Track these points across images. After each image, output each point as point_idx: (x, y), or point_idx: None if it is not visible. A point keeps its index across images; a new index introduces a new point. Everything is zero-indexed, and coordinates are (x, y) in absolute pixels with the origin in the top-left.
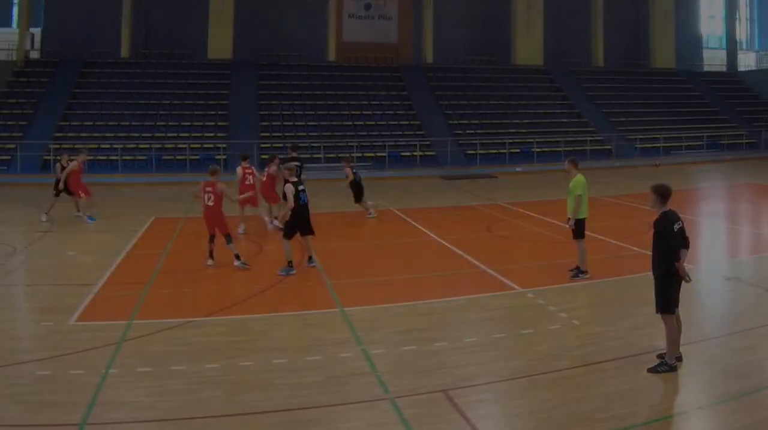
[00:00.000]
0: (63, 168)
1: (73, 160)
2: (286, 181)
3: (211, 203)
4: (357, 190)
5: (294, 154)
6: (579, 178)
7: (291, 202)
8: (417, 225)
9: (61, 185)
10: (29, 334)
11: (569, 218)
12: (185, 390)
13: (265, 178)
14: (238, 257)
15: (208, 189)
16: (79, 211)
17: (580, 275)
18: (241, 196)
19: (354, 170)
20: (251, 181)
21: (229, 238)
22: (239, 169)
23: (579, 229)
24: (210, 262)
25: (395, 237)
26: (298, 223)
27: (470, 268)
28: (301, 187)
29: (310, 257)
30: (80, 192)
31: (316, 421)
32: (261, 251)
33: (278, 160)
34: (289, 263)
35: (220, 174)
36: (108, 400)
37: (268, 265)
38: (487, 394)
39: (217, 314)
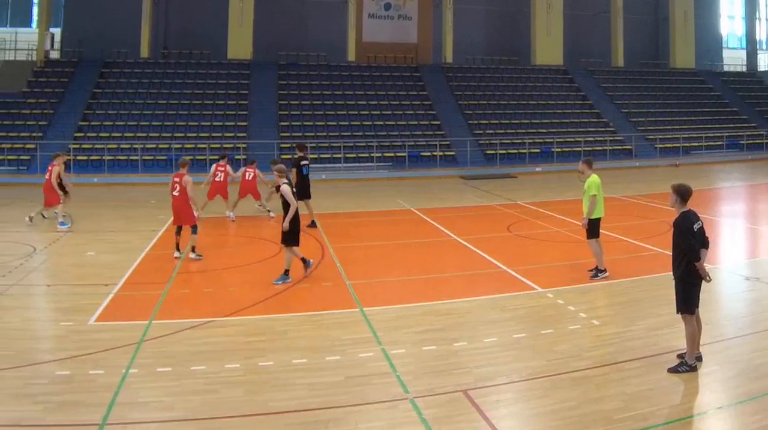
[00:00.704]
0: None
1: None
2: (279, 186)
3: (176, 194)
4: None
5: (301, 154)
6: (594, 179)
7: (293, 202)
8: (437, 225)
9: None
10: (49, 334)
11: (584, 218)
12: (205, 390)
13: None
14: (193, 250)
15: (176, 180)
16: (44, 212)
17: (599, 275)
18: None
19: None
20: (221, 179)
21: (195, 229)
22: (213, 167)
23: (593, 229)
24: (176, 254)
25: (415, 237)
26: (298, 226)
27: (490, 268)
28: (293, 190)
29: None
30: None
31: (335, 421)
32: (281, 250)
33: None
34: (286, 271)
35: (189, 167)
36: (127, 400)
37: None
38: (507, 394)
39: (236, 314)
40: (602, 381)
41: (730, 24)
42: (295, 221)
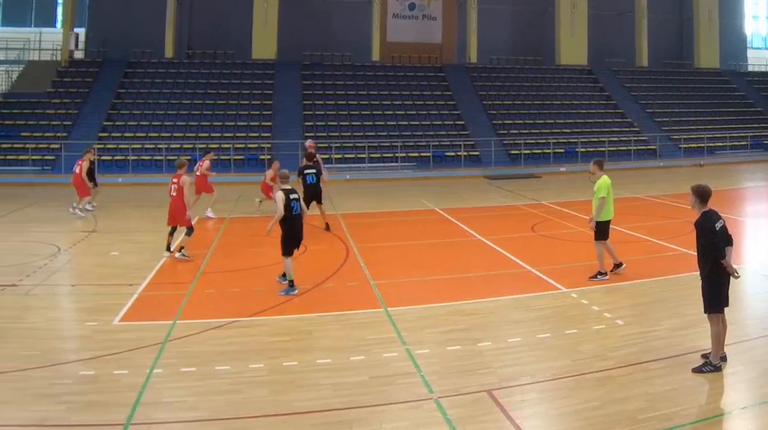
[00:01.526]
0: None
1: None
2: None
3: (174, 194)
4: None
5: (308, 162)
6: (604, 180)
7: (280, 210)
8: (461, 225)
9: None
10: (73, 334)
11: (590, 219)
12: (229, 390)
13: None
14: (181, 249)
15: (174, 181)
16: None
17: (598, 277)
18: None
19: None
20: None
21: (189, 230)
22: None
23: (601, 231)
24: (166, 254)
25: (439, 237)
26: (293, 236)
27: (514, 268)
28: (293, 196)
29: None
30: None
31: (359, 421)
32: (305, 250)
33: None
34: (290, 282)
35: (187, 167)
36: (152, 400)
37: (313, 265)
38: (532, 394)
39: (261, 314)
40: (627, 381)
41: (755, 24)
42: (285, 230)
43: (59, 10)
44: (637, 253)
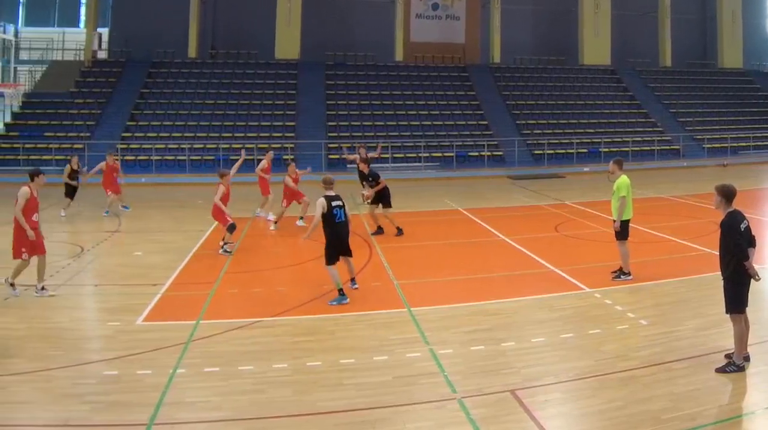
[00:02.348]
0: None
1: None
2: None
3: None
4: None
5: (364, 166)
6: (624, 179)
7: (317, 217)
8: (484, 225)
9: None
10: (97, 334)
11: (614, 220)
12: (252, 390)
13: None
14: (224, 245)
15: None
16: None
17: (621, 277)
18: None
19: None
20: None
21: (230, 227)
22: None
23: (623, 230)
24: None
25: (463, 237)
26: (337, 244)
27: (538, 268)
28: (336, 203)
29: (352, 280)
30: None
31: (383, 421)
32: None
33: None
34: (340, 291)
35: (230, 178)
36: (175, 400)
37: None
38: (555, 394)
39: (284, 314)
40: (650, 381)
41: None
42: (329, 237)
43: (82, 10)
44: (660, 253)
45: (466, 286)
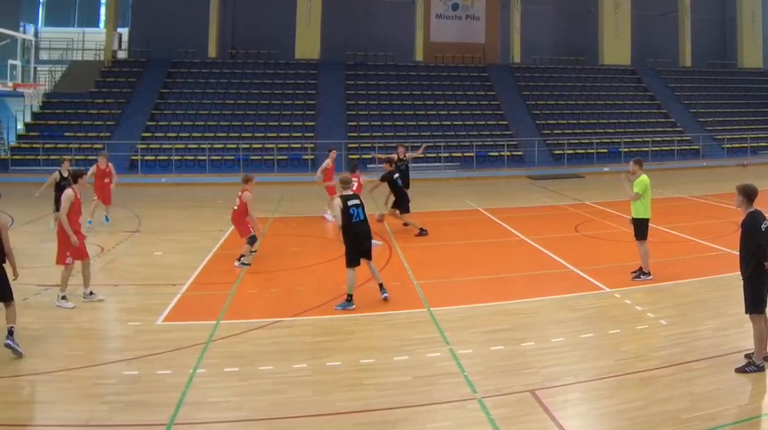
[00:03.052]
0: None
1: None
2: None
3: (235, 208)
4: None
5: (390, 168)
6: (643, 178)
7: (338, 219)
8: (504, 225)
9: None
10: (117, 334)
11: (632, 218)
12: (272, 390)
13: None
14: (240, 258)
15: (239, 194)
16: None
17: (642, 277)
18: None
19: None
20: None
21: (250, 239)
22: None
23: (641, 230)
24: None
25: (483, 237)
26: (356, 243)
27: (557, 268)
28: (353, 202)
29: (381, 286)
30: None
31: (403, 421)
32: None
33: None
34: (349, 296)
35: (253, 182)
36: (195, 400)
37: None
38: (575, 394)
39: (304, 314)
40: (670, 381)
41: None
42: (347, 238)
43: (102, 10)
44: (680, 253)
45: (486, 286)
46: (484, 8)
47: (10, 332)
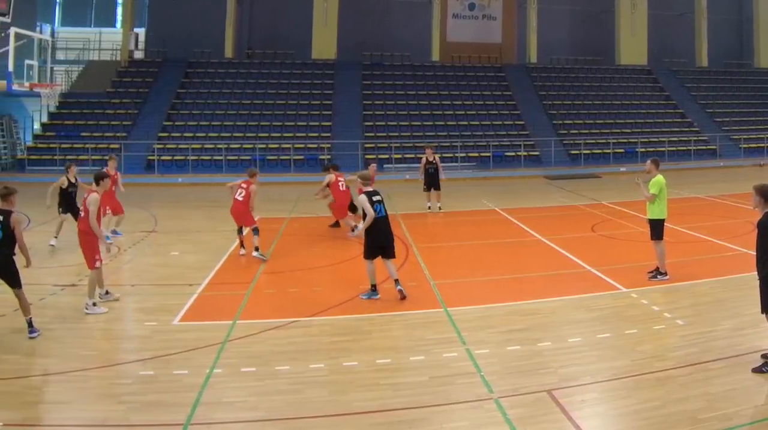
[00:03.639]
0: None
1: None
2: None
3: (240, 198)
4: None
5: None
6: (659, 178)
7: (370, 212)
8: (521, 225)
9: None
10: (133, 334)
11: (648, 219)
12: (289, 390)
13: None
14: (257, 249)
15: (244, 186)
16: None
17: (658, 277)
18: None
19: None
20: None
21: (256, 230)
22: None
23: (657, 230)
24: (242, 251)
25: (499, 237)
26: (377, 238)
27: (574, 268)
28: (376, 198)
29: (396, 281)
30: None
31: (420, 421)
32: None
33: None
34: (372, 286)
35: (259, 176)
36: (212, 400)
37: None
38: (592, 394)
39: (321, 313)
40: (686, 381)
41: None
42: (369, 233)
43: (119, 10)
44: (697, 253)
45: (503, 286)
46: (501, 8)
47: (30, 324)
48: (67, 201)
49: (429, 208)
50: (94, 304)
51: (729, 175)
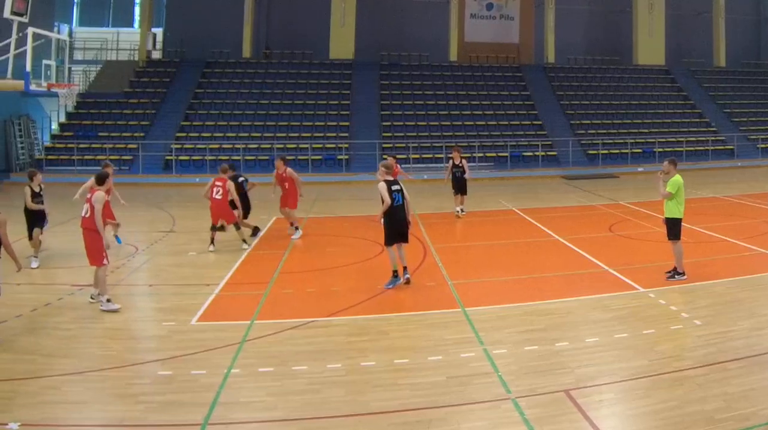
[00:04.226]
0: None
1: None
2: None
3: (219, 197)
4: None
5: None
6: (677, 178)
7: (387, 199)
8: (539, 225)
9: None
10: (151, 334)
11: (665, 218)
12: (306, 390)
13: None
14: (244, 241)
15: (219, 184)
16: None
17: (676, 277)
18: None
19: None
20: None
21: (237, 226)
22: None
23: (674, 230)
24: (211, 248)
25: (517, 237)
26: (395, 225)
27: (592, 268)
28: (395, 187)
29: (404, 269)
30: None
31: (437, 421)
32: (383, 250)
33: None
34: (394, 272)
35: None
36: (229, 400)
37: (390, 265)
38: (609, 394)
39: (339, 314)
40: (704, 381)
41: None
42: (387, 220)
43: (137, 10)
44: (714, 253)
45: (521, 286)
46: (518, 8)
47: None
48: (33, 214)
49: (457, 213)
50: (108, 300)
51: (746, 175)
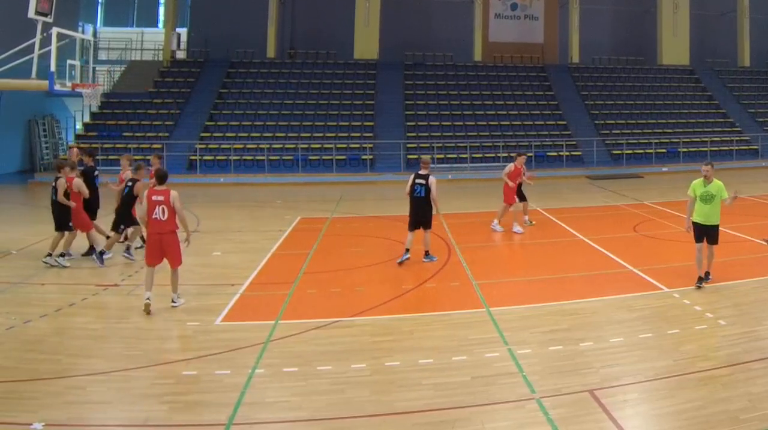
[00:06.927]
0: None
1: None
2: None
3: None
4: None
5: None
6: (721, 183)
7: (406, 188)
8: (563, 225)
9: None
10: (176, 334)
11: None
12: (331, 390)
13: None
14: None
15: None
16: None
17: (710, 278)
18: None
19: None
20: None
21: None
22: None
23: (717, 234)
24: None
25: (541, 237)
26: (411, 213)
27: (616, 268)
28: (419, 181)
29: (426, 253)
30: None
31: (462, 421)
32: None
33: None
34: (426, 252)
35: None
36: (254, 400)
37: (415, 265)
38: (633, 394)
39: (363, 313)
40: (728, 381)
41: None
42: (410, 208)
43: (161, 10)
44: (739, 253)
45: (545, 286)
46: (543, 8)
47: None
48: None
49: (528, 223)
50: (178, 296)
51: None
